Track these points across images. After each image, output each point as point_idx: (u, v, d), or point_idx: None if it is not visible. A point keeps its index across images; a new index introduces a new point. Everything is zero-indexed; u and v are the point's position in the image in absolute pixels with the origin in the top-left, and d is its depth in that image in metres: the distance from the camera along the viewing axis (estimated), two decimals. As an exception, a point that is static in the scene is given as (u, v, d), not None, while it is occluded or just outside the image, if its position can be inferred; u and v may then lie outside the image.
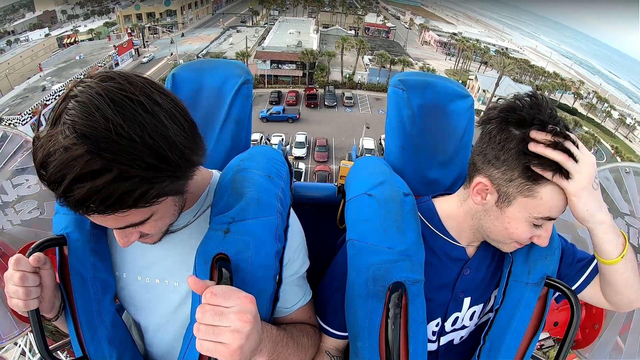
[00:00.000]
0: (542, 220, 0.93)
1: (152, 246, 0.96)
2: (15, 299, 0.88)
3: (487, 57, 54.35)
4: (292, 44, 44.67)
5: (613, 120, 46.87)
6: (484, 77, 45.83)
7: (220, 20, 66.61)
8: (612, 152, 36.24)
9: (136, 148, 0.65)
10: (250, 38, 48.62)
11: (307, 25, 57.50)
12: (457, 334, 1.18)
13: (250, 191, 0.95)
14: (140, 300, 1.06)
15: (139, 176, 0.66)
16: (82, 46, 47.83)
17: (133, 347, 1.07)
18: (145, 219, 0.78)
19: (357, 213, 1.10)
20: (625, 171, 1.28)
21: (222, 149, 1.31)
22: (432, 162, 1.31)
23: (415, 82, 1.31)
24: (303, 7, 73.92)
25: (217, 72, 1.33)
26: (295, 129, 31.20)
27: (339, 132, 32.13)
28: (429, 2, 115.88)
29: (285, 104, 36.73)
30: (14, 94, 33.56)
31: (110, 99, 0.65)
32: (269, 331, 0.91)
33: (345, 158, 28.27)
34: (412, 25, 77.08)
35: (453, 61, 57.11)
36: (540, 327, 1.09)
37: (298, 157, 28.26)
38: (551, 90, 46.42)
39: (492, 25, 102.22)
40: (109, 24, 58.31)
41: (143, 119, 0.66)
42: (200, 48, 48.35)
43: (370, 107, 38.00)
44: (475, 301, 1.15)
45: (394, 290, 0.95)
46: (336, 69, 43.15)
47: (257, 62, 41.02)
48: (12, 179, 1.32)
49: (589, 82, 63.11)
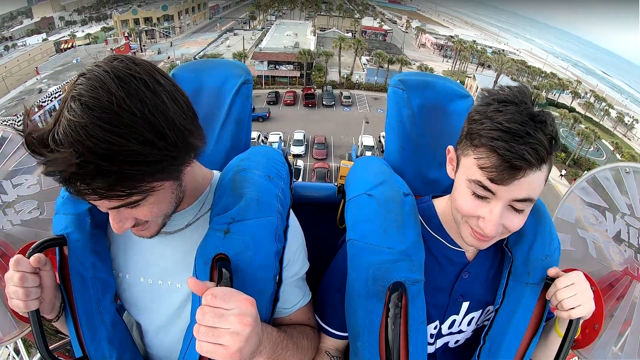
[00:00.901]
0: (476, 185, 0.88)
1: (154, 246, 0.99)
2: (16, 299, 0.89)
3: (484, 57, 54.57)
4: (289, 45, 44.73)
5: (611, 119, 46.94)
6: (482, 76, 45.96)
7: (218, 25, 66.82)
8: (612, 148, 36.12)
9: (136, 122, 0.67)
10: (248, 40, 48.74)
11: (304, 27, 57.73)
12: (453, 337, 1.18)
13: (250, 191, 0.95)
14: (142, 301, 1.05)
15: (136, 151, 0.67)
16: (79, 50, 47.91)
17: (133, 347, 1.07)
18: (139, 199, 0.77)
19: (357, 213, 1.09)
20: (625, 171, 1.27)
21: (222, 149, 1.31)
22: (432, 162, 1.31)
23: (415, 82, 1.31)
24: (300, 11, 74.40)
25: (217, 72, 1.33)
26: (294, 126, 31.15)
27: (337, 131, 32.14)
28: (424, 7, 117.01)
29: (283, 104, 36.89)
30: (10, 97, 33.43)
31: (116, 75, 0.69)
32: (269, 333, 0.91)
33: (344, 155, 28.26)
34: (409, 29, 77.52)
35: (450, 63, 57.30)
36: (540, 327, 1.08)
37: (296, 155, 28.20)
38: (549, 90, 46.53)
39: (488, 29, 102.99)
40: (107, 29, 58.49)
41: (145, 95, 0.70)
42: (198, 51, 48.34)
43: (368, 107, 38.02)
44: (473, 307, 1.14)
45: (394, 290, 0.95)
46: (334, 70, 43.19)
47: (255, 63, 41.01)
48: (12, 179, 1.32)
49: (586, 82, 63.41)
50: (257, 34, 57.28)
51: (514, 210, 0.90)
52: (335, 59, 42.49)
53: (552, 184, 29.06)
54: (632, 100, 61.31)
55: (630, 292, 1.27)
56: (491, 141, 0.83)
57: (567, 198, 1.47)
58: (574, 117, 37.29)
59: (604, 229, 1.34)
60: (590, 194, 1.38)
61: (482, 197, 0.89)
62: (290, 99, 37.21)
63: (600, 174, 1.34)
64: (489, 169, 0.84)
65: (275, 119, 33.79)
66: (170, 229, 0.99)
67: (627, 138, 43.04)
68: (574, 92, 50.19)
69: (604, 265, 1.35)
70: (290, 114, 35.33)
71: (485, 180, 0.86)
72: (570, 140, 37.19)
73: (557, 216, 1.48)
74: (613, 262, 1.33)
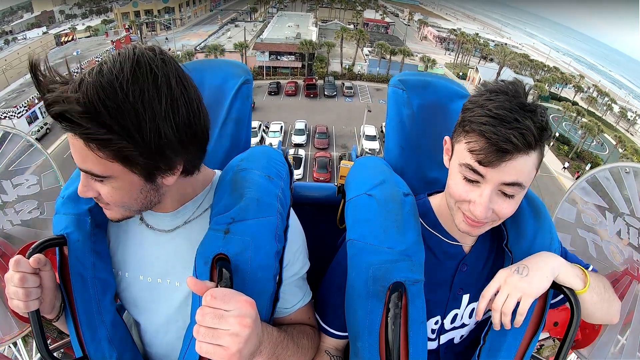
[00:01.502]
0: (466, 169, 0.91)
1: (153, 244, 1.00)
2: (16, 300, 0.89)
3: (486, 50, 54.20)
4: (290, 36, 44.46)
5: (614, 115, 46.66)
6: (485, 68, 45.77)
7: (219, 17, 66.41)
8: (614, 143, 35.95)
9: (125, 105, 0.71)
10: (249, 32, 48.45)
11: (305, 19, 57.48)
12: (457, 332, 1.18)
13: (250, 191, 0.95)
14: (141, 300, 1.05)
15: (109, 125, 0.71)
16: (80, 43, 47.74)
17: (133, 347, 1.07)
18: (103, 176, 0.79)
19: (357, 213, 1.09)
20: (625, 171, 1.27)
21: (221, 149, 1.31)
22: (432, 162, 1.30)
23: (415, 82, 1.31)
24: (302, 2, 73.90)
25: (217, 72, 1.32)
26: (296, 116, 31.09)
27: (339, 121, 32.10)
28: (426, 0, 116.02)
29: (284, 95, 36.79)
30: (10, 89, 33.35)
31: (138, 59, 0.74)
32: (270, 333, 0.91)
33: (345, 145, 28.13)
34: (411, 22, 76.99)
35: (452, 56, 56.99)
36: (540, 327, 1.08)
37: (297, 144, 28.20)
38: (552, 83, 46.23)
39: (491, 24, 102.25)
40: (107, 21, 58.24)
41: (147, 89, 0.73)
42: (198, 43, 48.07)
43: (370, 97, 37.89)
44: (474, 297, 1.14)
45: (394, 290, 0.95)
46: (335, 60, 42.98)
47: (256, 53, 40.80)
48: (12, 179, 1.32)
49: (589, 78, 62.96)
50: (258, 25, 56.96)
51: (504, 195, 0.92)
52: (337, 50, 42.32)
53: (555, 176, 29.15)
54: (634, 96, 60.90)
55: (630, 292, 1.28)
56: (480, 126, 0.87)
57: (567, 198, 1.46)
58: (577, 110, 37.09)
59: (604, 229, 1.34)
60: (590, 194, 1.38)
61: (473, 181, 0.92)
62: (291, 89, 37.14)
63: (600, 174, 1.35)
64: (478, 152, 0.87)
65: (276, 109, 33.70)
66: (168, 226, 1.00)
67: (630, 134, 42.80)
68: (576, 86, 49.90)
69: (604, 265, 1.35)
70: (291, 104, 35.25)
71: (475, 163, 0.89)
72: (573, 134, 37.04)
73: (557, 216, 1.48)
74: (613, 262, 1.33)
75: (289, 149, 26.59)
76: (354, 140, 29.68)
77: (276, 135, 28.07)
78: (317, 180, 24.27)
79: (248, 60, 40.03)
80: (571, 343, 1.00)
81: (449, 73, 49.48)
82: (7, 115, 29.01)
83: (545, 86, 43.21)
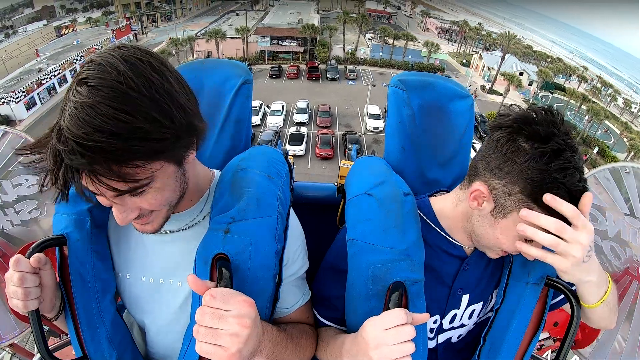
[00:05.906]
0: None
1: (156, 246, 1.00)
2: (15, 299, 0.89)
3: (489, 40, 53.81)
4: (292, 22, 44.08)
5: (617, 107, 46.18)
6: (488, 55, 45.31)
7: (220, 9, 66.10)
8: (618, 132, 35.49)
9: (143, 101, 0.68)
10: (250, 19, 48.09)
11: (307, 7, 57.17)
12: (455, 332, 1.18)
13: (250, 191, 0.95)
14: (143, 300, 1.06)
15: (142, 128, 0.67)
16: (80, 33, 47.45)
17: (133, 347, 1.07)
18: (145, 183, 0.75)
19: (357, 213, 1.09)
20: (625, 171, 1.27)
21: (222, 149, 1.29)
22: (432, 162, 1.30)
23: (415, 82, 1.30)
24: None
25: (217, 72, 1.31)
26: (298, 98, 30.81)
27: (341, 103, 32.02)
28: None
29: (286, 78, 36.67)
30: (9, 77, 33.06)
31: (123, 58, 0.69)
32: (269, 332, 0.91)
33: (349, 124, 27.65)
34: (414, 13, 76.67)
35: (454, 46, 56.60)
36: (540, 327, 1.09)
37: (300, 123, 28.01)
38: (555, 73, 45.73)
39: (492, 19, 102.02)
40: (108, 13, 58.02)
41: (151, 76, 0.71)
42: (199, 30, 47.54)
43: (373, 80, 37.66)
44: (474, 299, 1.14)
45: (394, 290, 0.95)
46: (338, 46, 42.58)
47: (257, 38, 40.40)
48: (12, 179, 1.31)
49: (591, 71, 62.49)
50: (260, 14, 56.71)
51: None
52: (339, 36, 41.93)
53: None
54: (637, 90, 60.43)
55: (630, 292, 1.27)
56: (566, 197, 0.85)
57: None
58: (583, 96, 36.66)
59: (604, 229, 1.33)
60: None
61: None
62: (293, 72, 37.05)
63: (600, 174, 1.34)
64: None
65: (278, 91, 33.33)
66: (172, 227, 0.99)
67: (635, 126, 42.23)
68: (580, 76, 49.44)
69: (604, 265, 1.32)
70: (293, 87, 35.11)
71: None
72: (578, 122, 36.59)
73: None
74: (613, 262, 1.32)
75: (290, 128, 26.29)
76: (357, 120, 29.32)
77: (278, 114, 27.66)
78: (320, 156, 23.78)
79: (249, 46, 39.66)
80: (571, 343, 1.00)
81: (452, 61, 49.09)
82: (4, 100, 28.61)
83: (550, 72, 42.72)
